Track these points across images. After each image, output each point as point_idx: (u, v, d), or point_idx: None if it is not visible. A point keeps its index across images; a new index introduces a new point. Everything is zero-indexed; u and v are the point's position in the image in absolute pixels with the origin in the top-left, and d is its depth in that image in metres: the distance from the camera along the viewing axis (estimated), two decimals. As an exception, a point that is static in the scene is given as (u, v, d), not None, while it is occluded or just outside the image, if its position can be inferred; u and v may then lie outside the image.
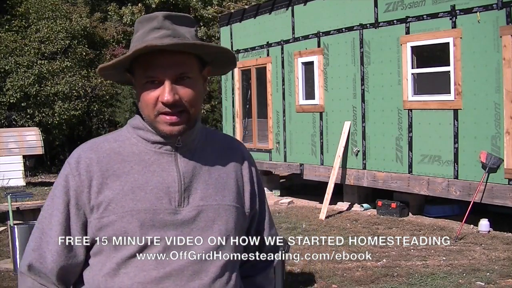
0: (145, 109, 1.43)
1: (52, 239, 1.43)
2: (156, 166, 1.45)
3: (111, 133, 1.54)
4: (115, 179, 1.43)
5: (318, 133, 10.35)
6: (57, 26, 18.26)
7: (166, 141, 1.45)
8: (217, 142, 1.57)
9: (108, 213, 1.40)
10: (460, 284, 5.43)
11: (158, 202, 1.41)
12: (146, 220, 1.40)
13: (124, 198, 1.41)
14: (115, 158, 1.45)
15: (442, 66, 8.12)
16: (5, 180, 13.67)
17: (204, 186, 1.47)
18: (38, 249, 1.45)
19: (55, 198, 1.45)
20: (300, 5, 10.71)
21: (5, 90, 17.25)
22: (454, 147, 7.91)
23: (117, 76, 1.54)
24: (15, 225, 6.15)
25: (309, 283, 5.65)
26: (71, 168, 1.45)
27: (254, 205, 1.59)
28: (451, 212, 8.71)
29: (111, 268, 1.41)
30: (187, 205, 1.43)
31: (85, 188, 1.42)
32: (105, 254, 1.42)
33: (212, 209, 1.46)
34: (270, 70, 11.55)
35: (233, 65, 1.57)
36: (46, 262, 1.44)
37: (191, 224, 1.43)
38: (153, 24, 1.41)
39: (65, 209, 1.43)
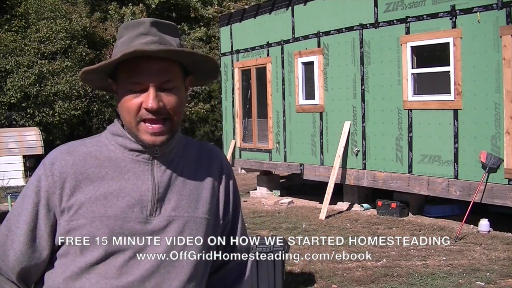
0: (126, 116, 1.41)
1: (18, 238, 1.42)
2: (131, 173, 1.43)
3: (89, 138, 1.52)
4: (88, 183, 1.41)
5: (318, 133, 10.35)
6: (57, 26, 18.26)
7: (144, 149, 1.44)
8: (195, 151, 1.56)
9: (78, 216, 1.39)
10: (460, 284, 5.43)
11: (129, 210, 1.40)
12: (115, 227, 1.38)
13: (96, 203, 1.39)
14: (91, 162, 1.44)
15: (442, 66, 8.12)
16: (5, 180, 13.67)
17: (177, 197, 1.45)
18: (2, 246, 1.44)
19: (25, 197, 1.44)
20: (300, 5, 10.71)
21: (6, 90, 17.25)
22: (454, 147, 7.91)
23: (97, 81, 1.51)
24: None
25: (309, 283, 5.65)
26: (45, 169, 1.43)
27: (227, 214, 1.58)
28: (451, 212, 8.71)
29: (73, 272, 1.40)
30: (158, 215, 1.42)
31: (57, 189, 1.41)
32: (70, 257, 1.41)
33: (182, 220, 1.44)
34: (270, 70, 11.55)
35: (215, 75, 1.56)
36: (8, 260, 1.43)
37: (160, 233, 1.41)
38: (140, 30, 1.40)
39: (33, 209, 1.42)
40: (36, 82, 17.38)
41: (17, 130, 15.31)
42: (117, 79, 1.43)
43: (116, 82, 1.44)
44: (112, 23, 21.60)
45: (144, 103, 1.38)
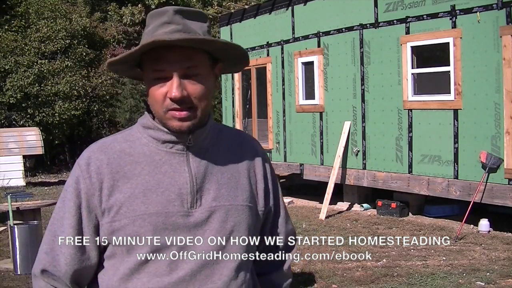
0: (154, 105, 1.40)
1: (65, 242, 1.42)
2: (167, 166, 1.41)
3: (120, 133, 1.51)
4: (125, 181, 1.40)
5: (318, 133, 10.35)
6: (57, 26, 18.27)
7: (177, 139, 1.42)
8: (230, 139, 1.54)
9: (120, 217, 1.38)
10: (460, 284, 5.43)
11: (170, 204, 1.38)
12: (158, 224, 1.37)
13: (135, 202, 1.38)
14: (125, 159, 1.42)
15: (442, 66, 8.12)
16: (5, 180, 13.67)
17: (216, 186, 1.44)
18: (51, 252, 1.44)
19: (66, 200, 1.44)
20: (300, 5, 10.71)
21: (5, 90, 17.25)
22: (454, 147, 7.91)
23: (127, 71, 1.51)
24: (15, 225, 6.15)
25: (309, 283, 5.65)
26: (81, 170, 1.42)
27: (268, 202, 1.56)
28: (451, 212, 8.71)
29: (124, 273, 1.39)
30: (200, 207, 1.41)
31: (96, 191, 1.40)
32: (118, 258, 1.41)
33: (224, 210, 1.43)
34: (270, 70, 11.55)
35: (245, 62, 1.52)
36: (59, 265, 1.42)
37: (204, 226, 1.40)
38: (163, 19, 1.38)
39: (76, 212, 1.41)
40: (36, 82, 17.38)
41: (17, 130, 15.31)
42: (143, 68, 1.43)
43: (143, 71, 1.43)
44: (112, 23, 21.61)
45: (168, 92, 1.36)
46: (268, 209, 1.56)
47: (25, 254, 6.07)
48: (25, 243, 6.06)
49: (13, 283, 5.86)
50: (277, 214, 1.61)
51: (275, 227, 1.61)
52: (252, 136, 1.66)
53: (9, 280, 5.99)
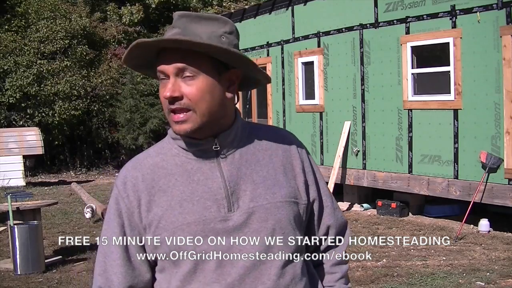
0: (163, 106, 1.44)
1: (115, 262, 1.45)
2: (199, 174, 1.42)
3: (153, 147, 1.53)
4: (161, 195, 1.42)
5: (318, 133, 10.35)
6: (56, 26, 18.27)
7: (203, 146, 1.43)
8: (262, 136, 1.52)
9: (160, 230, 1.40)
10: (460, 284, 5.43)
11: (206, 211, 1.39)
12: (197, 232, 1.38)
13: (173, 213, 1.40)
14: (159, 173, 1.44)
15: (442, 66, 8.12)
16: (5, 180, 13.67)
17: (252, 186, 1.43)
18: (104, 273, 1.47)
19: (109, 221, 1.47)
20: (300, 5, 10.71)
21: (5, 90, 17.25)
22: (454, 147, 7.91)
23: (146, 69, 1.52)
24: (15, 225, 6.14)
25: (309, 283, 5.64)
26: (119, 191, 1.45)
27: (310, 195, 1.54)
28: (451, 212, 8.70)
29: (176, 286, 1.41)
30: (238, 209, 1.40)
31: (135, 208, 1.43)
32: (167, 271, 1.43)
33: (263, 209, 1.41)
34: (270, 70, 11.55)
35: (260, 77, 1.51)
36: (113, 284, 1.45)
37: (244, 228, 1.40)
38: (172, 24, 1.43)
39: (121, 231, 1.45)
40: (36, 82, 17.38)
41: (17, 130, 15.31)
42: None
43: None
44: (112, 23, 21.60)
45: (163, 92, 1.39)
46: (313, 201, 1.55)
47: (25, 254, 6.07)
48: (25, 243, 6.05)
49: (13, 283, 5.86)
50: (322, 204, 1.59)
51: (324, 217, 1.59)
52: (287, 131, 1.65)
53: (9, 280, 5.98)
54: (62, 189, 13.95)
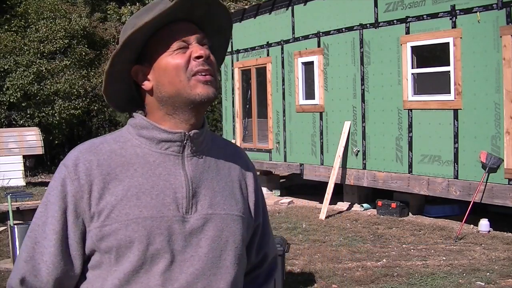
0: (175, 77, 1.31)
1: (47, 250, 1.29)
2: (161, 169, 1.33)
3: (109, 134, 1.40)
4: (117, 184, 1.30)
5: (318, 133, 10.35)
6: (56, 26, 18.27)
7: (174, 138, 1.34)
8: (223, 147, 1.47)
9: (111, 221, 1.27)
10: (460, 284, 5.43)
11: (165, 208, 1.29)
12: (153, 228, 1.27)
13: (128, 205, 1.28)
14: (116, 160, 1.32)
15: (442, 66, 8.12)
16: (5, 180, 13.67)
17: (212, 193, 1.36)
18: (31, 260, 1.30)
19: (49, 204, 1.31)
20: (300, 5, 10.71)
21: (5, 90, 17.26)
22: (454, 147, 7.91)
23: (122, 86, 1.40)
24: (15, 225, 6.15)
25: (309, 283, 5.65)
26: (68, 172, 1.30)
27: (259, 216, 1.49)
28: (451, 212, 8.71)
29: (113, 284, 1.28)
30: (195, 213, 1.32)
31: (85, 193, 1.29)
32: (105, 268, 1.30)
33: (220, 219, 1.34)
34: (270, 70, 11.55)
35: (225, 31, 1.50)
36: (40, 274, 1.29)
37: (199, 234, 1.31)
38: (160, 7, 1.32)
39: (62, 217, 1.29)
40: (35, 82, 17.39)
41: (17, 130, 15.31)
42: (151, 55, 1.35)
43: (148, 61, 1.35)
44: (112, 23, 21.62)
45: (194, 52, 1.32)
46: (258, 224, 1.50)
47: (25, 254, 6.07)
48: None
49: (13, 283, 5.85)
50: (265, 231, 1.54)
51: (263, 243, 1.55)
52: (241, 148, 1.58)
53: (9, 280, 5.98)
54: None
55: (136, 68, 1.36)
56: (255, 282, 1.55)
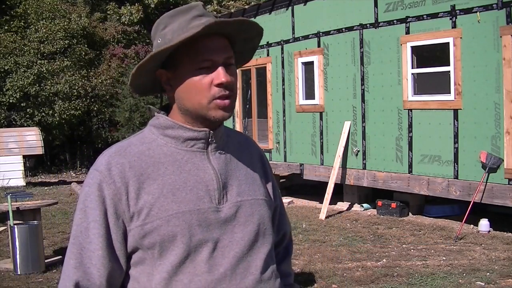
0: (195, 98, 1.37)
1: (95, 253, 1.35)
2: (190, 165, 1.41)
3: (133, 136, 1.46)
4: (151, 183, 1.37)
5: (318, 133, 10.35)
6: (55, 26, 18.27)
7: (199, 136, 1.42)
8: (237, 138, 1.57)
9: (152, 218, 1.34)
10: (460, 284, 5.43)
11: (200, 201, 1.38)
12: (192, 221, 1.36)
13: (166, 201, 1.36)
14: (147, 161, 1.39)
15: (442, 66, 8.12)
16: (5, 180, 13.68)
17: (237, 182, 1.46)
18: (81, 266, 1.35)
19: (88, 209, 1.36)
20: (300, 5, 10.71)
21: (5, 90, 17.26)
22: (454, 147, 7.91)
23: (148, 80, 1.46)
24: (15, 225, 6.15)
25: (309, 283, 5.65)
26: (103, 176, 1.36)
27: (277, 198, 1.62)
28: (451, 212, 8.71)
29: (162, 277, 1.35)
30: (226, 202, 1.42)
31: (123, 195, 1.35)
32: (148, 263, 1.37)
33: (248, 204, 1.46)
34: (270, 70, 11.55)
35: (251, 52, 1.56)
36: (93, 278, 1.35)
37: (232, 220, 1.42)
38: (195, 13, 1.39)
39: (103, 220, 1.35)
40: (36, 82, 17.39)
41: (17, 130, 15.31)
42: (176, 65, 1.39)
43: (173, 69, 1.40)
44: (111, 23, 21.61)
45: (216, 79, 1.36)
46: (276, 205, 1.62)
47: (25, 254, 6.07)
48: (25, 243, 6.05)
49: (13, 283, 5.86)
50: (282, 211, 1.68)
51: (281, 223, 1.67)
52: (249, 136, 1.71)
53: (9, 280, 5.99)
54: (62, 189, 13.96)
55: (161, 72, 1.43)
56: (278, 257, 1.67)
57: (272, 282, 1.46)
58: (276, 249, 1.65)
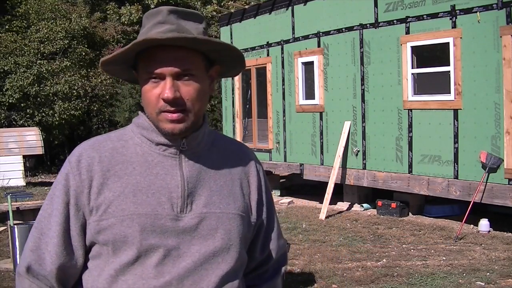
0: (147, 107, 1.38)
1: (51, 240, 1.38)
2: (159, 168, 1.40)
3: (114, 132, 1.48)
4: (116, 180, 1.37)
5: (318, 133, 10.35)
6: (56, 27, 18.28)
7: (170, 143, 1.40)
8: (225, 147, 1.52)
9: (108, 215, 1.35)
10: (460, 284, 5.43)
11: (159, 207, 1.36)
12: (146, 225, 1.34)
13: (125, 201, 1.36)
14: (117, 158, 1.40)
15: (442, 66, 8.12)
16: (5, 180, 13.67)
17: (208, 193, 1.42)
18: (37, 250, 1.40)
19: (54, 197, 1.40)
20: (300, 5, 10.71)
21: (5, 90, 17.26)
22: (454, 147, 7.91)
23: (122, 73, 1.49)
24: (15, 225, 6.15)
25: (309, 283, 5.65)
26: (71, 167, 1.40)
27: (261, 214, 1.53)
28: (451, 212, 8.71)
29: (109, 274, 1.36)
30: (190, 212, 1.38)
31: (85, 188, 1.37)
32: (103, 259, 1.38)
33: (215, 217, 1.40)
34: (270, 70, 11.55)
35: (240, 65, 1.50)
36: (45, 263, 1.39)
37: (192, 231, 1.38)
38: (157, 19, 1.37)
39: (64, 209, 1.38)
40: (36, 82, 17.39)
41: (17, 130, 15.30)
42: (137, 70, 1.41)
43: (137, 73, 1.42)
44: (111, 23, 21.61)
45: (161, 93, 1.34)
46: (261, 222, 1.54)
47: (25, 254, 6.06)
48: (25, 243, 6.04)
49: (13, 283, 5.86)
50: (270, 228, 1.58)
51: (268, 240, 1.58)
52: (247, 146, 1.64)
53: (9, 280, 5.99)
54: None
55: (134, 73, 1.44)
56: (263, 277, 1.60)
57: None
58: (262, 267, 1.59)
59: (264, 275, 1.61)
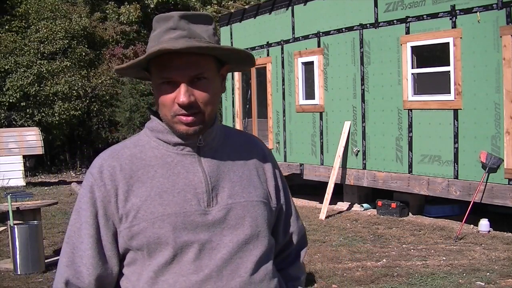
0: (162, 110, 1.42)
1: (85, 253, 1.41)
2: (180, 167, 1.44)
3: (129, 139, 1.53)
4: (140, 186, 1.42)
5: (318, 133, 10.35)
6: (56, 27, 18.28)
7: (186, 142, 1.44)
8: (236, 139, 1.57)
9: (138, 220, 1.39)
10: (460, 284, 5.43)
11: (187, 204, 1.41)
12: (177, 224, 1.38)
13: (152, 204, 1.40)
14: (137, 163, 1.44)
15: (442, 66, 8.12)
16: (5, 180, 13.67)
17: (230, 184, 1.47)
18: (72, 265, 1.43)
19: (81, 210, 1.43)
20: (300, 5, 10.71)
21: (5, 90, 17.26)
22: (454, 147, 7.91)
23: (135, 73, 1.54)
24: (15, 225, 6.14)
25: (309, 283, 5.65)
26: (94, 179, 1.43)
27: (280, 199, 1.60)
28: (451, 212, 8.71)
29: (149, 277, 1.40)
30: (216, 205, 1.43)
31: (112, 197, 1.41)
32: (139, 263, 1.42)
33: (240, 206, 1.46)
34: (270, 70, 11.55)
35: (250, 64, 1.57)
36: (82, 276, 1.42)
37: (222, 223, 1.42)
38: (169, 24, 1.40)
39: (94, 221, 1.41)
40: (36, 82, 17.39)
41: (17, 130, 15.31)
42: (150, 73, 1.45)
43: (150, 75, 1.45)
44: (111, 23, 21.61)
45: (176, 98, 1.38)
46: (280, 207, 1.60)
47: (25, 254, 6.07)
48: (25, 243, 6.05)
49: (13, 283, 5.86)
50: (289, 212, 1.65)
51: (288, 225, 1.65)
52: (256, 137, 1.70)
53: (9, 280, 5.99)
54: (62, 189, 13.95)
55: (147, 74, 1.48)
56: (287, 260, 1.67)
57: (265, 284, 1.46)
58: (285, 251, 1.66)
59: (288, 258, 1.67)
